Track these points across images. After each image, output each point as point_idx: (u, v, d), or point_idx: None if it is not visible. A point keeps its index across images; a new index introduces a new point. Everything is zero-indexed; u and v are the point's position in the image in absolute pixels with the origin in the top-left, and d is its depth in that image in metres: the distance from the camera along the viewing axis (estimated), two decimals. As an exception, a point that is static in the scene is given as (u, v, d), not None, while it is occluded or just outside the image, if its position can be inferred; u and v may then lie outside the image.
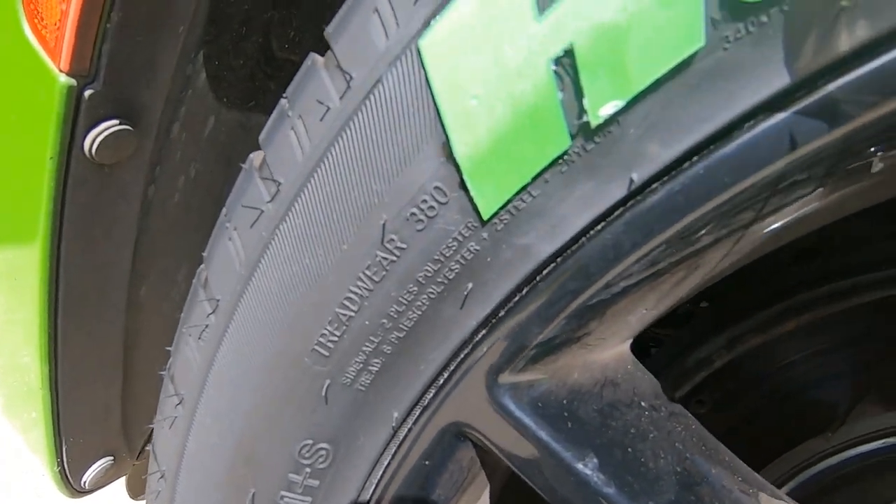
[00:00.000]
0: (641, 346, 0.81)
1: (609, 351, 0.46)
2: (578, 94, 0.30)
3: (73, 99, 0.48)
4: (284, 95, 0.38)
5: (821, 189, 0.33)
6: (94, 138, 0.53)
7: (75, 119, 0.50)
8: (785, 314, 0.68)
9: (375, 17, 0.33)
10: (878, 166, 0.31)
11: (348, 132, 0.34)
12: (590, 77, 0.29)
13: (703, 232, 0.35)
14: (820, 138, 0.30)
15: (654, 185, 0.33)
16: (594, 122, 0.30)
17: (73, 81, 0.47)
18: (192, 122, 0.67)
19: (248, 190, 0.39)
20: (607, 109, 0.29)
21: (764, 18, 0.27)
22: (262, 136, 0.41)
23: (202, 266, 0.45)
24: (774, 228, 0.36)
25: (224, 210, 0.42)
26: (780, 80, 0.29)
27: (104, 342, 0.76)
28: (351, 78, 0.33)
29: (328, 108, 0.34)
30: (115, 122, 0.53)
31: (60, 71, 0.46)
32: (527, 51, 0.29)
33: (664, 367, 0.79)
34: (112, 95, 0.53)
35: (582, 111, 0.30)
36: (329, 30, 0.36)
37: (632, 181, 0.32)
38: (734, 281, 0.78)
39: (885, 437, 0.70)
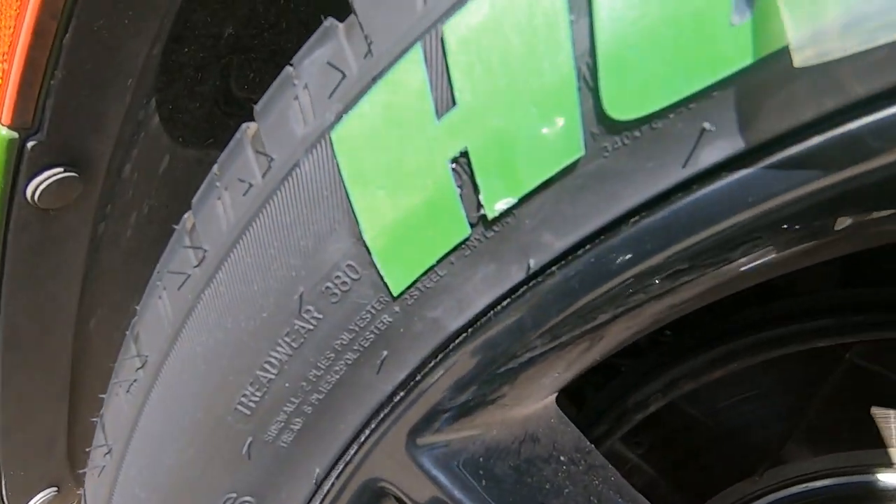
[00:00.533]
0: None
1: (531, 406, 0.48)
2: (475, 189, 0.32)
3: (15, 150, 0.49)
4: (216, 166, 0.40)
5: (707, 272, 0.36)
6: (36, 186, 0.53)
7: (17, 168, 0.51)
8: (715, 362, 0.71)
9: (296, 104, 0.35)
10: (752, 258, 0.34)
11: (268, 209, 0.36)
12: (484, 176, 0.31)
13: (598, 311, 0.37)
14: (695, 235, 0.33)
15: (551, 270, 0.36)
16: (490, 215, 0.33)
17: (14, 134, 0.48)
18: (145, 162, 0.68)
19: (178, 253, 0.41)
20: (501, 205, 0.32)
21: (637, 134, 0.30)
22: (194, 201, 0.42)
23: (135, 319, 0.46)
24: (669, 305, 0.39)
25: (156, 269, 0.43)
26: (655, 184, 0.32)
27: (49, 375, 0.75)
28: (272, 159, 0.35)
29: (251, 185, 0.36)
30: (60, 169, 0.54)
31: (2, 125, 0.47)
32: (427, 150, 0.31)
33: (606, 408, 0.81)
34: (56, 145, 0.54)
35: (479, 205, 0.32)
36: (257, 108, 0.38)
37: (529, 266, 0.35)
38: (670, 328, 0.81)
39: (810, 480, 0.73)
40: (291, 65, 0.37)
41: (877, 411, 0.68)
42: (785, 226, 0.33)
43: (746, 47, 0.27)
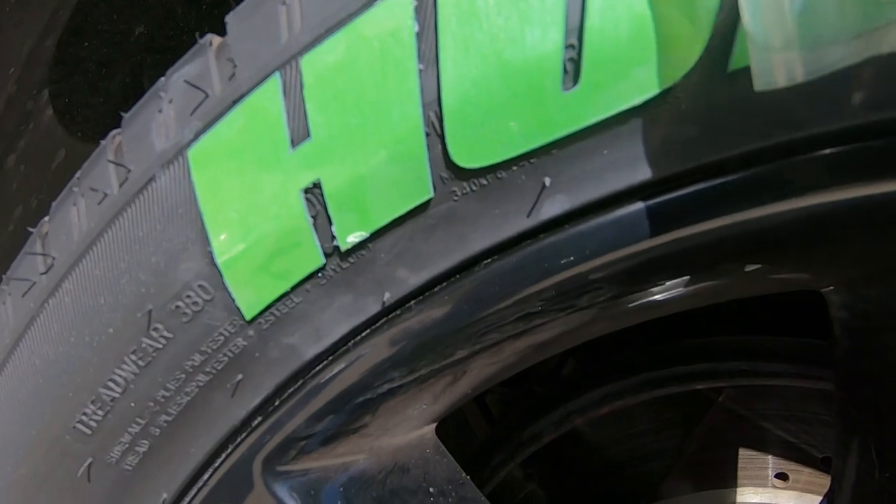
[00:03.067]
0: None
1: (403, 437, 0.48)
2: (328, 221, 0.32)
3: None
4: (77, 173, 0.38)
5: (559, 317, 0.38)
6: None
7: None
8: (604, 399, 0.75)
9: (160, 117, 0.34)
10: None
11: (121, 221, 0.35)
12: (336, 208, 0.32)
13: (454, 347, 0.38)
14: (541, 283, 0.35)
15: (408, 304, 0.36)
16: (344, 247, 0.33)
17: None
18: (34, 154, 0.64)
19: (27, 258, 0.38)
20: (353, 238, 0.32)
21: (484, 181, 0.32)
22: (52, 205, 0.40)
23: (-22, 325, 0.43)
24: (528, 345, 0.41)
25: (6, 274, 0.41)
26: (502, 231, 0.33)
27: None
28: (129, 170, 0.34)
29: (106, 195, 0.35)
30: (-79, 155, 0.50)
31: None
32: (280, 178, 0.31)
33: (505, 436, 0.83)
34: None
35: (332, 236, 0.33)
36: (126, 116, 0.37)
37: (385, 299, 0.35)
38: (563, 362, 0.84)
39: (686, 515, 0.77)
40: (164, 77, 0.36)
41: (744, 452, 0.73)
42: (623, 279, 0.36)
43: (576, 113, 0.29)
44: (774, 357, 0.70)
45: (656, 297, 0.37)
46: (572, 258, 0.33)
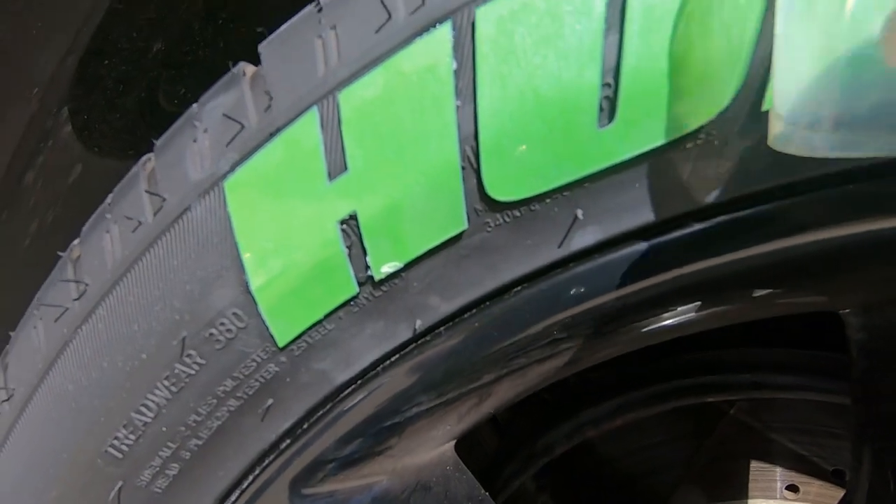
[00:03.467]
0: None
1: (425, 456, 0.48)
2: (363, 251, 0.33)
3: None
4: (108, 198, 0.39)
5: (584, 342, 0.39)
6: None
7: None
8: (616, 411, 0.75)
9: (195, 146, 0.35)
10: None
11: (156, 249, 0.35)
12: (371, 239, 0.32)
13: (483, 372, 0.39)
14: (569, 311, 0.35)
15: (438, 331, 0.37)
16: (377, 276, 0.33)
17: None
18: (51, 170, 0.65)
19: (59, 284, 0.39)
20: (388, 268, 0.33)
21: (517, 213, 0.32)
22: (83, 230, 0.40)
23: (7, 347, 0.43)
24: (553, 367, 0.41)
25: (35, 297, 0.41)
26: (533, 260, 0.34)
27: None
28: (164, 199, 0.35)
29: (140, 223, 0.35)
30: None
31: None
32: (317, 209, 0.32)
33: (516, 448, 0.83)
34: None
35: (366, 266, 0.33)
36: (158, 144, 0.38)
37: (416, 326, 0.36)
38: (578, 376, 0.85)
39: (697, 526, 0.77)
40: (196, 103, 0.36)
41: (755, 464, 0.74)
42: (650, 307, 0.36)
43: (611, 149, 0.29)
44: (785, 369, 0.71)
45: (679, 319, 0.37)
46: (602, 287, 0.33)
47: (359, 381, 0.38)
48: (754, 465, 0.74)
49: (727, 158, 0.30)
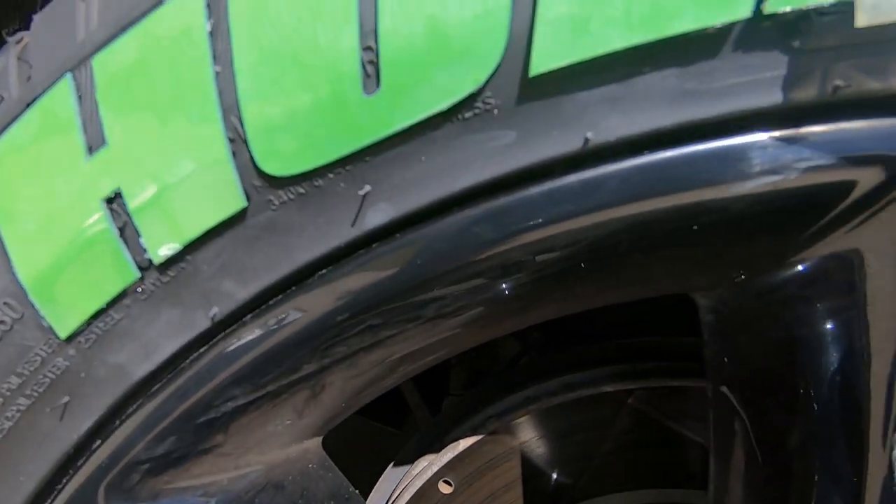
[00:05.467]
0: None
1: (280, 452, 0.46)
2: (136, 232, 0.30)
3: None
4: None
5: (408, 327, 0.37)
6: None
7: None
8: (521, 403, 0.74)
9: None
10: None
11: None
12: (142, 219, 0.30)
13: (300, 361, 0.37)
14: (377, 295, 0.34)
15: (242, 318, 0.35)
16: (157, 260, 0.31)
17: None
18: None
19: None
20: (166, 250, 0.30)
21: (301, 190, 0.30)
22: None
23: None
24: (386, 356, 0.39)
25: None
26: (329, 241, 0.32)
27: None
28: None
29: None
30: None
31: None
32: (78, 186, 0.29)
33: (423, 445, 0.82)
34: None
35: (143, 248, 0.31)
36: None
37: (214, 314, 0.34)
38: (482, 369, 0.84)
39: (602, 518, 0.77)
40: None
41: (657, 452, 0.74)
42: (469, 289, 0.35)
43: (383, 118, 0.28)
44: (679, 357, 0.71)
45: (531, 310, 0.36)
46: (407, 269, 0.32)
47: (161, 375, 0.35)
48: (654, 453, 0.74)
49: (511, 128, 0.29)
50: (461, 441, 0.73)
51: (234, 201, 0.29)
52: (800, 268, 0.36)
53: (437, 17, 0.25)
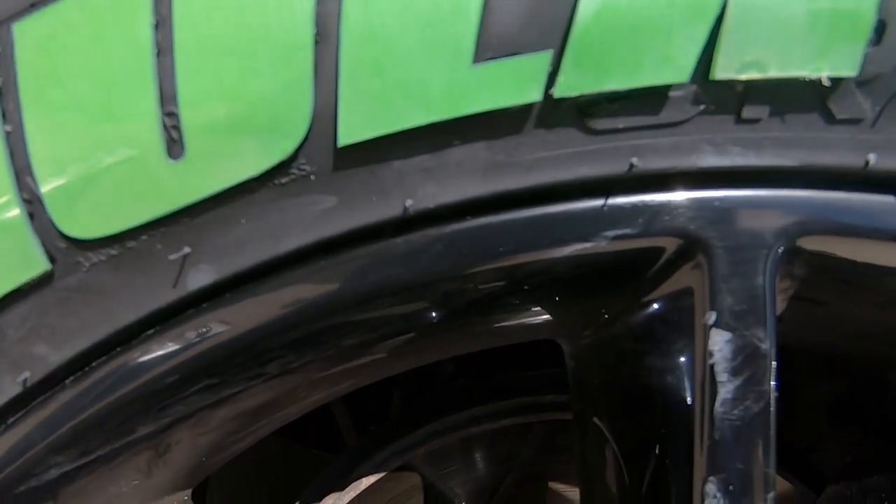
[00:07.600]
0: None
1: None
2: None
3: None
4: None
5: (253, 386, 0.36)
6: None
7: None
8: (431, 436, 0.74)
9: None
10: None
11: None
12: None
13: (132, 423, 0.35)
14: (204, 355, 0.33)
15: (62, 383, 0.33)
16: (-49, 325, 0.29)
17: None
18: None
19: None
20: (-40, 315, 0.29)
21: (113, 252, 0.29)
22: None
23: None
24: (231, 413, 0.38)
25: None
26: (151, 302, 0.31)
27: None
28: None
29: None
30: None
31: None
32: None
33: (328, 483, 0.80)
34: None
35: (-65, 313, 0.29)
36: None
37: (26, 379, 0.31)
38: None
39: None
40: None
41: (554, 485, 0.75)
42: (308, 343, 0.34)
43: (192, 182, 0.27)
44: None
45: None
46: (225, 330, 0.31)
47: (-25, 443, 0.33)
48: (556, 486, 0.75)
49: (331, 192, 0.29)
50: (363, 479, 0.72)
51: (36, 264, 0.28)
52: (640, 319, 0.37)
53: (236, 90, 0.25)
